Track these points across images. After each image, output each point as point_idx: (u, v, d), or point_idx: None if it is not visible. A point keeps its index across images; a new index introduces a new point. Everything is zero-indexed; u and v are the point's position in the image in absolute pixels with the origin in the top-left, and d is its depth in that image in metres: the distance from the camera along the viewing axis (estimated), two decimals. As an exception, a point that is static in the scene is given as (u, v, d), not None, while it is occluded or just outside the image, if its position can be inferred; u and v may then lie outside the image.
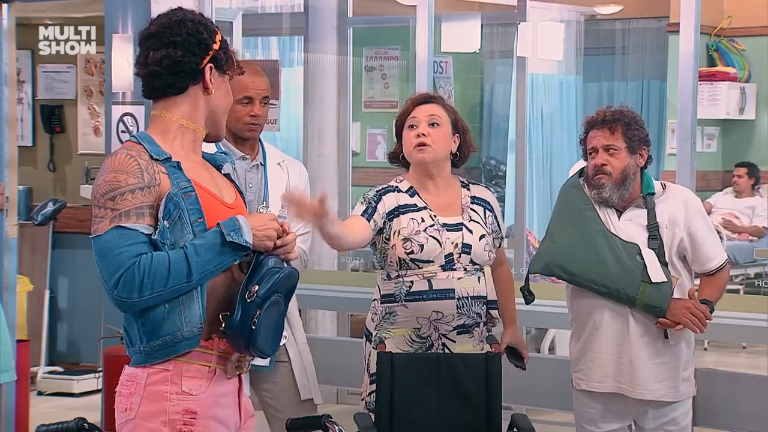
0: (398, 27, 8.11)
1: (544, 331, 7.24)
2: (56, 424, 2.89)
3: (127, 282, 2.76)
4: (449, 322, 3.97)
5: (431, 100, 4.11)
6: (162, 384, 2.84)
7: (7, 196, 5.84)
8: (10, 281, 5.91)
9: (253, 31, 8.06)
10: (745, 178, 9.91)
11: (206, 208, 2.89)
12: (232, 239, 2.83)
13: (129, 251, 2.78)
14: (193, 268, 2.80)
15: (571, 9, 10.04)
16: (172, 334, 2.83)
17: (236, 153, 4.30)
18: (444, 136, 4.03)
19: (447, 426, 3.92)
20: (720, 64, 10.24)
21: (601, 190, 4.05)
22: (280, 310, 2.93)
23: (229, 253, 2.85)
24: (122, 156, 2.86)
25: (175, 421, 2.83)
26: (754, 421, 4.64)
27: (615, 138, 4.04)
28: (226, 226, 2.85)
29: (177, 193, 2.85)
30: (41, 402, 7.25)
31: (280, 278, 2.88)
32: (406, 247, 3.95)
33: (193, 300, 2.84)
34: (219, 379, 2.91)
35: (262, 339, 2.86)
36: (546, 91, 10.11)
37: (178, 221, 2.84)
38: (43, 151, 8.50)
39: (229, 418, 2.94)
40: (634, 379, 4.02)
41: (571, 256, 4.06)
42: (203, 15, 3.04)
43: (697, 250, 4.08)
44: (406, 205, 4.02)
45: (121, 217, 2.80)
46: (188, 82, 2.96)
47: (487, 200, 4.14)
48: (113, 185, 2.82)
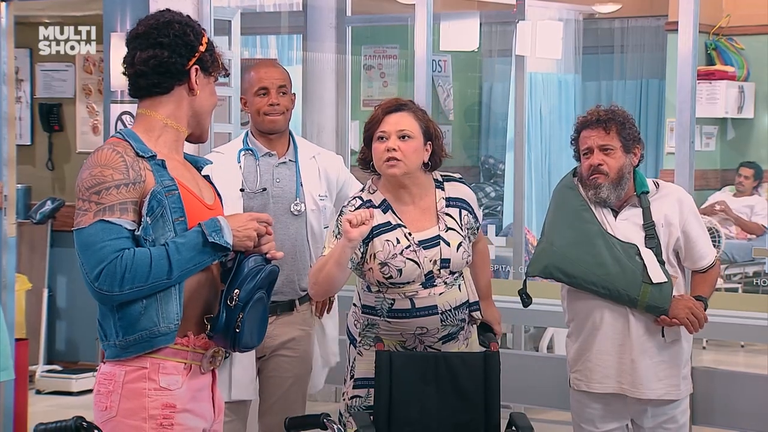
0: (397, 26, 8.12)
1: (543, 330, 7.24)
2: (54, 422, 2.88)
3: (108, 275, 2.81)
4: (434, 335, 3.95)
5: (402, 108, 3.94)
6: (140, 381, 2.89)
7: (5, 195, 5.84)
8: (9, 280, 5.91)
9: (251, 29, 8.04)
10: (751, 180, 9.89)
11: (187, 208, 2.94)
12: (213, 240, 2.89)
13: (112, 245, 2.82)
14: (173, 265, 2.85)
15: (569, 8, 10.03)
16: (149, 330, 2.88)
17: (261, 149, 4.34)
18: (415, 150, 3.89)
19: (445, 425, 3.92)
20: (719, 62, 10.23)
21: (599, 190, 4.03)
22: (263, 304, 3.01)
23: (209, 252, 2.91)
24: (108, 151, 2.90)
25: (155, 416, 2.89)
26: (752, 419, 4.64)
27: (610, 137, 4.02)
28: (208, 226, 2.91)
29: (161, 190, 2.90)
30: (40, 401, 7.25)
31: (260, 279, 2.95)
32: (384, 272, 3.87)
33: (171, 296, 2.89)
34: (194, 374, 2.97)
35: (247, 337, 2.96)
36: (545, 90, 10.10)
37: (160, 218, 2.89)
38: (41, 149, 8.49)
39: (206, 411, 3.01)
40: (636, 379, 4.01)
41: (569, 258, 4.04)
42: (191, 17, 3.06)
43: (690, 248, 4.08)
44: (379, 225, 3.89)
45: (105, 211, 2.84)
46: (174, 82, 3.00)
47: (462, 197, 4.02)
48: (99, 179, 2.86)
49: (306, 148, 4.53)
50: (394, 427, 3.87)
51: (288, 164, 4.42)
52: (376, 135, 3.92)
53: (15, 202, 6.02)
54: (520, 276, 6.62)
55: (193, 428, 2.95)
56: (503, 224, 9.50)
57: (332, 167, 4.55)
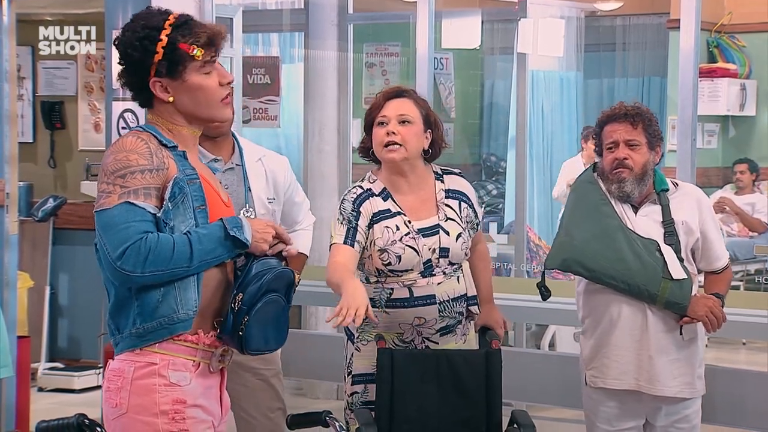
0: (399, 23, 8.10)
1: (544, 327, 7.25)
2: (57, 420, 2.89)
3: (132, 255, 2.81)
4: (432, 326, 3.95)
5: (402, 94, 3.98)
6: (149, 377, 2.89)
7: (7, 193, 5.85)
8: (11, 277, 5.92)
9: (253, 27, 8.05)
10: (747, 174, 9.90)
11: (208, 199, 2.96)
12: (234, 234, 2.90)
13: (137, 227, 2.83)
14: (194, 254, 2.86)
15: (571, 5, 10.03)
16: (168, 316, 2.88)
17: (207, 156, 4.17)
18: (415, 134, 3.92)
19: (447, 422, 3.92)
20: (720, 60, 10.22)
21: (623, 184, 4.00)
22: (278, 307, 2.99)
23: (228, 247, 2.92)
24: (133, 138, 2.92)
25: (166, 411, 2.88)
26: (754, 417, 4.65)
27: (637, 132, 4.00)
28: (229, 222, 2.92)
29: (183, 178, 2.91)
30: (42, 398, 7.25)
31: (266, 281, 2.93)
32: (383, 258, 3.88)
33: (190, 284, 2.90)
34: (203, 372, 2.96)
35: (255, 341, 2.94)
36: (546, 88, 10.09)
37: (181, 205, 2.90)
38: (43, 147, 8.49)
39: (214, 410, 3.01)
40: (654, 376, 3.99)
41: (589, 252, 4.00)
42: (146, 21, 2.95)
43: (707, 248, 4.08)
44: (380, 211, 3.92)
45: (130, 194, 2.85)
46: (148, 97, 2.99)
47: (462, 191, 4.04)
48: (124, 164, 2.87)
49: (251, 150, 4.37)
50: (395, 425, 3.87)
51: (235, 169, 4.26)
52: (376, 120, 3.94)
53: (17, 199, 6.03)
54: (522, 274, 6.63)
55: (204, 420, 2.95)
56: (505, 222, 9.51)
57: (280, 170, 4.41)
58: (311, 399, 7.05)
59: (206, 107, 3.00)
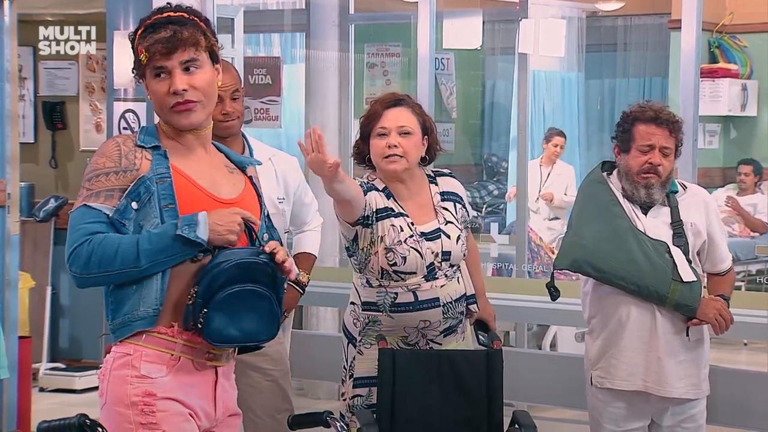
0: (400, 24, 8.10)
1: (545, 328, 7.24)
2: (58, 420, 2.89)
3: (76, 257, 2.86)
4: (436, 328, 3.95)
5: (400, 102, 3.96)
6: (123, 368, 2.90)
7: (8, 193, 5.85)
8: (12, 278, 5.92)
9: (254, 27, 8.06)
10: (752, 176, 9.91)
11: (182, 196, 2.92)
12: (181, 233, 2.84)
13: (85, 228, 2.87)
14: (141, 253, 2.84)
15: (572, 5, 10.04)
16: (130, 314, 2.90)
17: None
18: (415, 145, 3.92)
19: (448, 422, 3.92)
20: (722, 60, 10.22)
21: (651, 191, 3.99)
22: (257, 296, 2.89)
23: (180, 245, 2.85)
24: (108, 142, 2.98)
25: (136, 403, 2.88)
26: (755, 417, 4.65)
27: (671, 140, 3.99)
28: (184, 219, 2.87)
29: (151, 177, 2.91)
30: (43, 398, 7.25)
31: (222, 272, 2.84)
32: (389, 258, 3.88)
33: (153, 283, 2.89)
34: (184, 368, 2.93)
35: (219, 333, 2.85)
36: (548, 88, 10.11)
37: (147, 204, 2.90)
38: (44, 147, 8.49)
39: (197, 407, 2.95)
40: (662, 377, 3.99)
41: (600, 253, 3.98)
42: (143, 18, 3.01)
43: (713, 250, 4.09)
44: (384, 208, 3.91)
45: (91, 197, 2.90)
46: None
47: (455, 191, 4.05)
48: (93, 167, 2.93)
49: (261, 150, 4.36)
50: (396, 425, 3.87)
51: None
52: (375, 131, 3.93)
53: (18, 199, 6.02)
54: (523, 274, 6.62)
55: (179, 413, 2.90)
56: (506, 222, 9.51)
57: (290, 170, 4.43)
58: (312, 399, 7.05)
59: (161, 112, 3.00)
